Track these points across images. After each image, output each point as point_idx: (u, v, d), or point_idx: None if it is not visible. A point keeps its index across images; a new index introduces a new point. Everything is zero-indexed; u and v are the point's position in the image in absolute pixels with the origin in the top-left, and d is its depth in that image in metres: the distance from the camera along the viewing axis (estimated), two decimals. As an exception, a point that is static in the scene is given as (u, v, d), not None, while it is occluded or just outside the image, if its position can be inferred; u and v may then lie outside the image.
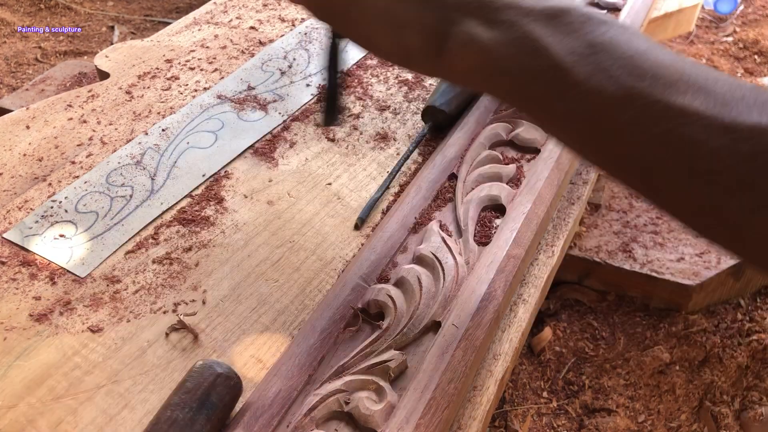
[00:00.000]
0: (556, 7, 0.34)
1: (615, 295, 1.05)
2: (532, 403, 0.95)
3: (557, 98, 0.34)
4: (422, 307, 0.42)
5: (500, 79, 0.35)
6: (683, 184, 0.33)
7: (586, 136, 0.35)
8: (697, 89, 0.32)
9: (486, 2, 0.35)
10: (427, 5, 0.35)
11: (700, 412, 0.92)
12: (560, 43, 0.33)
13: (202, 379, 0.35)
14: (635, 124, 0.33)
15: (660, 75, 0.32)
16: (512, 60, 0.34)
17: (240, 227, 0.52)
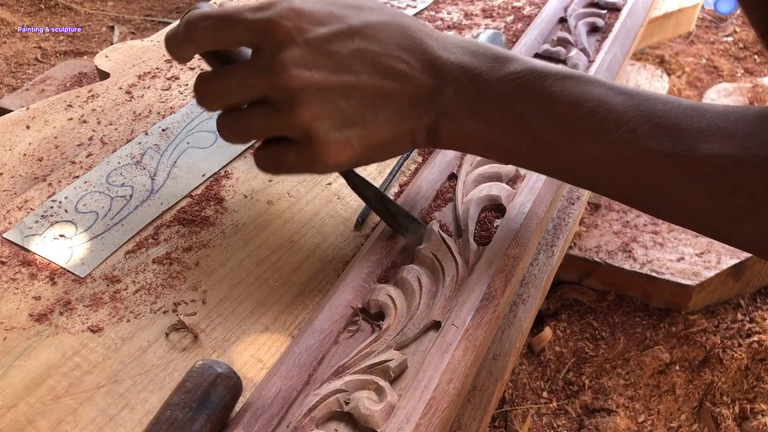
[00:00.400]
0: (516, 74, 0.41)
1: (615, 295, 1.05)
2: (532, 403, 0.95)
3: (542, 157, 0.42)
4: (422, 307, 0.42)
5: (491, 151, 0.43)
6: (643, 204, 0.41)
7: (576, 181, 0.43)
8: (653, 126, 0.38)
9: (460, 88, 0.41)
10: (426, 112, 0.42)
11: (700, 413, 0.92)
12: (533, 112, 0.40)
13: (202, 379, 0.35)
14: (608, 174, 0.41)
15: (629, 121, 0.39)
16: (497, 135, 0.42)
17: (240, 227, 0.52)
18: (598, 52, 0.69)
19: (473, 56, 0.42)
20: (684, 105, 0.38)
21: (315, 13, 0.40)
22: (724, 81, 1.75)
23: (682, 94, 1.70)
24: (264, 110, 0.41)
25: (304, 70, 0.39)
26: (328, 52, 0.39)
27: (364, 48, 0.40)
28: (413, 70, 0.41)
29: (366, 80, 0.40)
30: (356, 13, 0.41)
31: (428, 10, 0.82)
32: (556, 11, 0.76)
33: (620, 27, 0.73)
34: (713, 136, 0.36)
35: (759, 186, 0.35)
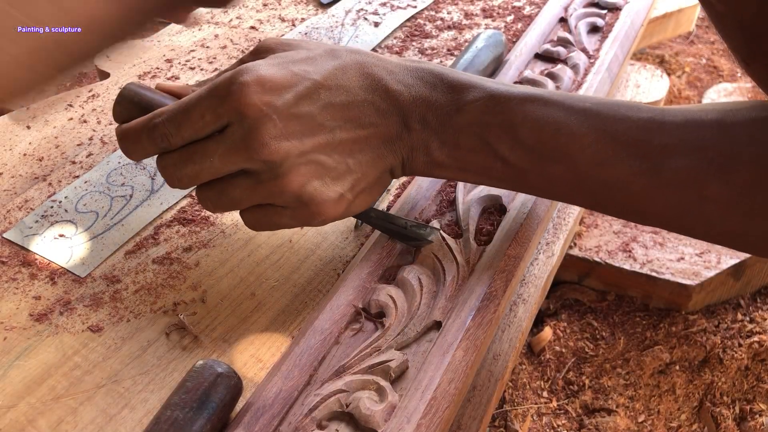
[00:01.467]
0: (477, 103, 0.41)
1: (615, 295, 1.05)
2: (532, 403, 0.95)
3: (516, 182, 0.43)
4: (423, 307, 0.42)
5: (465, 176, 0.44)
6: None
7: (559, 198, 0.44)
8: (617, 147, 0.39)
9: (424, 123, 0.42)
10: (398, 147, 0.43)
11: (700, 413, 0.92)
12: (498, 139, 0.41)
13: (203, 379, 0.35)
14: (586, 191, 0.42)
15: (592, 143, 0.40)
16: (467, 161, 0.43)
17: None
18: (598, 51, 0.69)
19: (431, 88, 0.42)
20: (643, 119, 0.39)
21: (276, 79, 0.39)
22: (724, 81, 1.75)
23: (682, 94, 1.70)
24: (248, 182, 0.40)
25: (282, 140, 0.38)
26: (299, 115, 0.39)
27: (331, 101, 0.40)
28: (380, 111, 0.42)
29: (340, 133, 0.41)
30: (313, 65, 0.41)
31: (428, 9, 0.82)
32: (557, 11, 0.76)
33: (620, 27, 0.73)
34: (676, 149, 0.38)
35: (725, 195, 0.37)
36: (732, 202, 0.37)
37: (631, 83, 1.06)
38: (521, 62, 0.66)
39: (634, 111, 0.40)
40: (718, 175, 0.37)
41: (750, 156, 0.37)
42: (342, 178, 0.41)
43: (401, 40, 0.76)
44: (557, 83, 0.62)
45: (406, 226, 0.46)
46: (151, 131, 0.39)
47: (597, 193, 0.41)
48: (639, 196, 0.39)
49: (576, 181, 0.41)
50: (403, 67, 0.43)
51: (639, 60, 1.75)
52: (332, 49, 0.43)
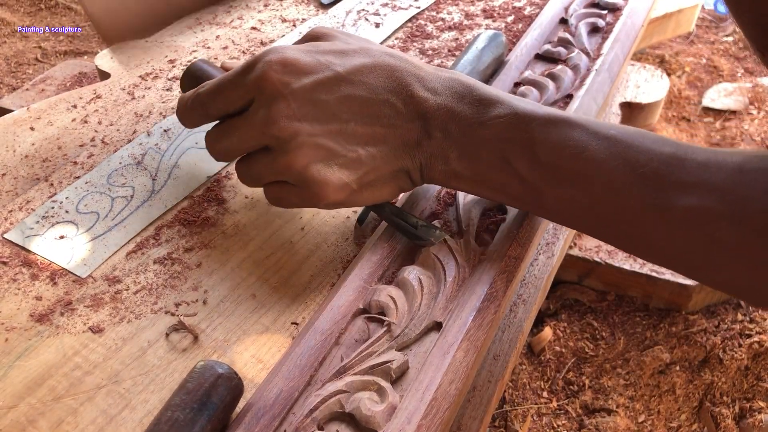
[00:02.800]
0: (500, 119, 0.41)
1: (615, 295, 1.05)
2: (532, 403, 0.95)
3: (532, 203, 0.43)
4: (423, 308, 0.42)
5: (482, 191, 0.44)
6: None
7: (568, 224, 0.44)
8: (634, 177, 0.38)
9: (450, 136, 0.42)
10: (417, 153, 0.43)
11: (700, 413, 0.92)
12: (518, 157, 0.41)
13: (203, 380, 0.35)
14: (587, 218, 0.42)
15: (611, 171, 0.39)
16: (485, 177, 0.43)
17: (241, 228, 0.52)
18: (599, 52, 0.69)
19: (459, 100, 0.42)
20: (666, 153, 0.38)
21: (300, 64, 0.41)
22: (724, 81, 1.75)
23: (682, 94, 1.70)
24: (267, 158, 0.43)
25: (293, 120, 0.41)
26: (315, 101, 0.41)
27: (350, 94, 0.42)
28: (400, 115, 0.42)
29: (355, 126, 0.42)
30: (341, 58, 0.43)
31: (429, 10, 0.82)
32: (557, 12, 0.76)
33: (621, 27, 0.73)
34: (693, 188, 0.37)
35: (734, 240, 0.36)
36: (741, 249, 0.36)
37: (631, 83, 1.06)
38: (522, 63, 0.66)
39: (658, 144, 0.39)
40: (731, 219, 0.36)
41: (765, 205, 0.35)
42: (349, 167, 0.42)
43: (402, 41, 0.76)
44: (557, 84, 0.62)
45: (416, 225, 0.46)
46: (194, 100, 0.46)
47: (608, 221, 0.40)
48: (648, 230, 0.39)
49: (589, 206, 0.40)
50: (435, 76, 0.43)
51: (639, 60, 1.75)
52: (368, 47, 0.44)
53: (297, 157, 0.41)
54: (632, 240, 0.40)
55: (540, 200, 0.42)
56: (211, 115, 0.46)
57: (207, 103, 0.45)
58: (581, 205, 0.40)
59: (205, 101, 0.45)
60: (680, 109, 1.67)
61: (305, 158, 0.41)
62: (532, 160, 0.41)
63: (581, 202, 0.40)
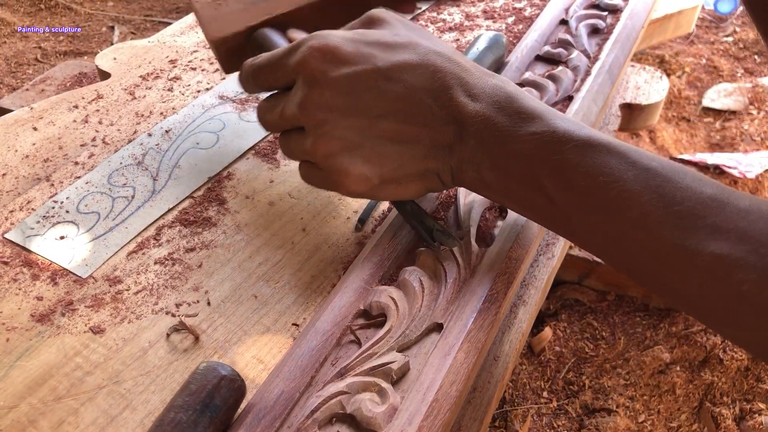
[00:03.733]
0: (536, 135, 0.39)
1: (615, 295, 1.05)
2: (532, 403, 0.95)
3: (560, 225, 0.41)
4: (424, 309, 0.42)
5: (510, 204, 0.43)
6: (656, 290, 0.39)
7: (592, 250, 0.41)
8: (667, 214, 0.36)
9: (480, 141, 0.41)
10: (447, 156, 0.42)
11: (700, 413, 0.92)
12: (547, 177, 0.39)
13: (206, 381, 0.35)
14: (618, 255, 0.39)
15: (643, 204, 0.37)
16: (516, 192, 0.41)
17: (241, 228, 0.52)
18: (599, 53, 0.69)
19: (498, 109, 0.41)
20: (706, 194, 0.36)
21: (341, 53, 0.41)
22: (724, 81, 1.75)
23: (682, 94, 1.70)
24: (299, 138, 0.44)
25: (323, 108, 0.41)
26: (349, 92, 0.41)
27: (386, 90, 0.41)
28: (435, 116, 0.41)
29: (385, 122, 0.42)
30: (385, 52, 0.42)
31: (429, 11, 0.82)
32: (557, 13, 0.76)
33: (621, 29, 0.73)
34: (727, 234, 0.34)
35: (762, 297, 0.33)
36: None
37: (631, 85, 1.06)
38: (522, 64, 0.66)
39: (700, 184, 0.36)
40: (761, 273, 0.33)
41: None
42: (372, 161, 0.42)
43: (402, 41, 0.76)
44: (558, 85, 0.62)
45: (433, 229, 0.46)
46: (247, 71, 0.47)
47: (634, 256, 0.38)
48: (674, 272, 0.36)
49: (616, 237, 0.38)
50: (479, 81, 0.42)
51: (639, 61, 1.75)
52: (417, 42, 0.43)
53: (321, 145, 0.42)
54: (656, 280, 0.38)
55: (567, 224, 0.40)
56: (262, 88, 0.47)
57: (257, 76, 0.46)
58: (608, 236, 0.38)
59: (255, 74, 0.47)
60: (680, 109, 1.67)
61: (328, 147, 0.42)
62: (563, 183, 0.39)
63: (608, 233, 0.38)
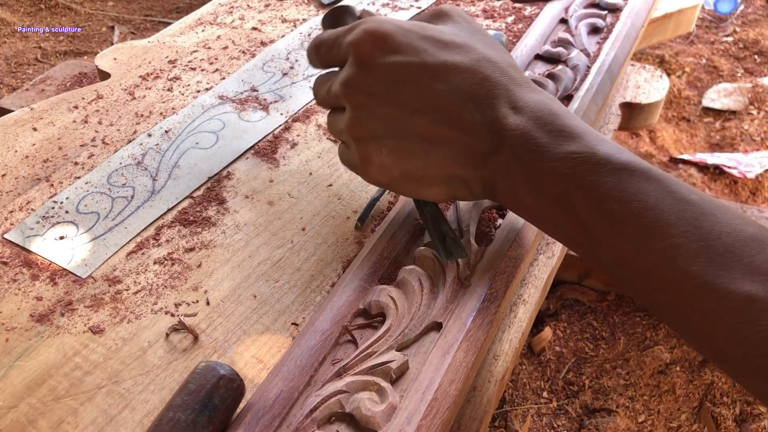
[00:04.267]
0: (574, 155, 0.38)
1: (615, 295, 1.05)
2: (532, 403, 0.95)
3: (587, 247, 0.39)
4: (423, 308, 0.42)
5: (540, 224, 0.42)
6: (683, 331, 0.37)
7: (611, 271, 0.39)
8: (701, 248, 0.34)
9: (517, 156, 0.39)
10: (480, 165, 0.41)
11: (700, 413, 0.92)
12: (580, 200, 0.37)
13: (205, 381, 0.35)
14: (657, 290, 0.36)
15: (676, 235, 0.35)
16: (546, 212, 0.40)
17: (241, 228, 0.52)
18: (599, 52, 0.69)
19: (539, 126, 0.39)
20: (746, 232, 0.34)
21: (392, 41, 0.41)
22: (724, 81, 1.75)
23: (682, 94, 1.70)
24: (340, 117, 0.45)
25: (363, 92, 0.42)
26: (391, 80, 0.41)
27: (429, 87, 0.40)
28: (474, 123, 0.40)
29: (420, 119, 0.41)
30: (438, 49, 0.41)
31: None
32: (557, 12, 0.76)
33: (621, 27, 0.73)
34: (763, 276, 0.32)
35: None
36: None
37: (630, 84, 1.06)
38: (522, 63, 0.66)
39: (740, 221, 0.35)
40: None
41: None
42: (397, 155, 0.42)
43: (402, 41, 0.76)
44: (558, 84, 0.62)
45: (445, 236, 0.45)
46: (312, 43, 0.48)
47: (661, 290, 0.36)
48: (700, 311, 0.34)
49: (644, 269, 0.36)
50: (526, 95, 0.41)
51: (639, 60, 1.75)
52: (473, 47, 0.42)
53: (354, 128, 0.43)
54: (682, 318, 0.36)
55: (594, 250, 0.38)
56: (320, 63, 0.48)
57: (318, 50, 0.47)
58: (636, 267, 0.36)
59: (317, 48, 0.47)
60: (680, 109, 1.67)
61: (360, 131, 0.43)
62: (594, 206, 0.37)
63: (637, 263, 0.36)
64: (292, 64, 0.72)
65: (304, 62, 0.72)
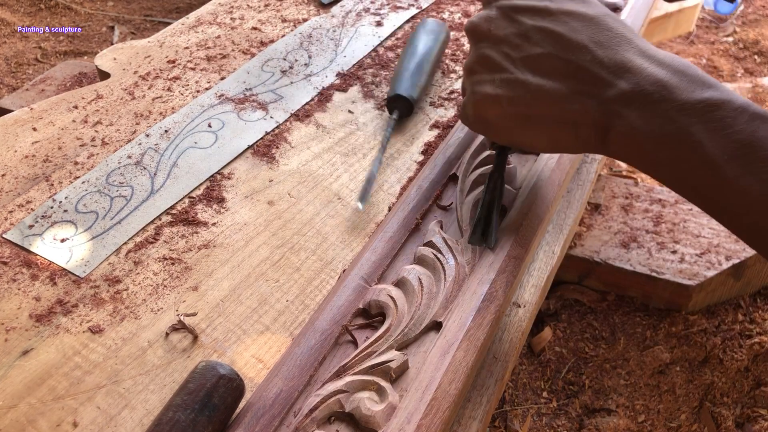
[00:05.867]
0: (711, 101, 0.37)
1: (615, 295, 1.05)
2: (532, 403, 0.95)
3: (710, 191, 0.38)
4: (423, 308, 0.42)
5: (657, 168, 0.40)
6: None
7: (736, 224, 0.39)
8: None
9: (644, 96, 0.38)
10: (594, 104, 0.40)
11: (700, 413, 0.92)
12: (712, 140, 0.37)
13: (205, 381, 0.35)
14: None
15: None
16: (668, 153, 0.38)
17: (240, 227, 0.52)
18: (598, 52, 0.68)
19: (672, 71, 0.39)
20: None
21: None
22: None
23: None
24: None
25: (486, 23, 0.45)
26: (513, 19, 0.44)
27: (551, 28, 0.42)
28: (593, 63, 0.40)
29: (539, 52, 0.42)
30: (562, 2, 0.43)
31: (429, 10, 0.82)
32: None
33: (621, 27, 0.73)
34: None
35: None
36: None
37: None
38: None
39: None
40: None
41: None
42: (509, 86, 0.43)
43: (402, 41, 0.76)
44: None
45: (491, 225, 0.46)
46: None
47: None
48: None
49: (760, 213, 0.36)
50: (655, 50, 0.41)
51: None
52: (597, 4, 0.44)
53: (471, 54, 0.45)
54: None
55: (723, 195, 0.37)
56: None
57: None
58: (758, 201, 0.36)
59: None
60: (680, 109, 1.67)
61: (474, 58, 0.45)
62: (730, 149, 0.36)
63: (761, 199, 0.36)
64: (292, 63, 0.72)
65: (304, 62, 0.72)
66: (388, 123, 0.61)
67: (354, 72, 0.71)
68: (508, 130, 0.45)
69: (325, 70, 0.71)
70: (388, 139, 0.59)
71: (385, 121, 0.64)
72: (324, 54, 0.74)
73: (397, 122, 0.62)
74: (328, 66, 0.72)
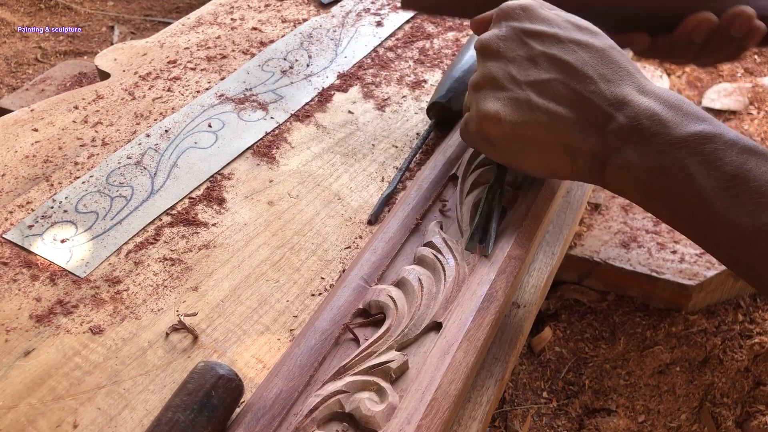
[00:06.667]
0: (702, 134, 0.39)
1: (615, 295, 1.05)
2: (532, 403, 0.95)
3: (701, 224, 0.39)
4: (423, 308, 0.42)
5: (651, 200, 0.41)
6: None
7: (726, 257, 0.40)
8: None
9: (641, 130, 0.40)
10: (594, 135, 0.42)
11: (700, 413, 0.92)
12: (703, 172, 0.38)
13: (204, 381, 0.35)
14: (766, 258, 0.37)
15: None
16: (662, 185, 0.39)
17: (240, 228, 0.52)
18: (598, 52, 0.68)
19: (667, 106, 0.40)
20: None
21: (535, 12, 0.45)
22: (724, 81, 1.75)
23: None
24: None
25: (496, 42, 0.45)
26: (524, 42, 0.45)
27: (559, 56, 0.43)
28: (596, 94, 0.42)
29: (546, 78, 0.43)
30: (572, 31, 0.44)
31: (429, 10, 0.82)
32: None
33: (621, 27, 0.73)
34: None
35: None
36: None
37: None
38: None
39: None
40: None
41: None
42: (513, 106, 0.43)
43: (402, 41, 0.76)
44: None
45: (489, 233, 0.47)
46: None
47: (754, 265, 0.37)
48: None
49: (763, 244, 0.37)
50: (653, 86, 0.42)
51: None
52: (604, 36, 0.45)
53: (479, 77, 0.45)
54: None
55: (712, 228, 0.38)
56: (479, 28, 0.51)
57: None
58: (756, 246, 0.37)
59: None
60: (680, 109, 1.67)
61: (480, 73, 0.45)
62: (720, 182, 0.37)
63: (756, 241, 0.37)
64: (292, 63, 0.72)
65: (304, 62, 0.72)
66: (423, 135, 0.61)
67: (354, 72, 0.71)
68: (506, 151, 0.45)
69: (326, 71, 0.71)
70: (417, 150, 0.59)
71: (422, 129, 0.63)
72: (324, 54, 0.74)
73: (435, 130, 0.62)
74: (328, 66, 0.72)
